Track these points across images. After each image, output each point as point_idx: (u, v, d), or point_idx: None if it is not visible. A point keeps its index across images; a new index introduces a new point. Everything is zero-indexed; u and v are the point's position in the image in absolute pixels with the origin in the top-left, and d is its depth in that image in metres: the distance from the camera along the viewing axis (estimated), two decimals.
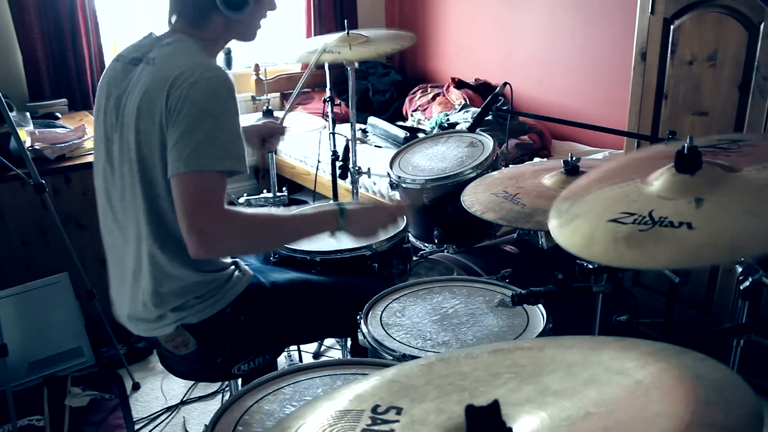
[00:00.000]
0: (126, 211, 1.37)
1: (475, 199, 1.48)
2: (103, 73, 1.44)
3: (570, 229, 0.93)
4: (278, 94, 4.47)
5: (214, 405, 2.28)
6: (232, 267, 1.46)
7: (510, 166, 1.94)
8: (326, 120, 2.70)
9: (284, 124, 1.89)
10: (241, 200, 2.45)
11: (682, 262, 0.79)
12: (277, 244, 1.40)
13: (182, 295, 1.38)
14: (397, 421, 0.58)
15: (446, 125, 3.59)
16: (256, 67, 4.29)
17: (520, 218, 1.34)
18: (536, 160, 3.22)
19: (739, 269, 1.14)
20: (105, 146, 1.39)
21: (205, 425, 1.05)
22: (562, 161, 1.47)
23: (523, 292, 1.15)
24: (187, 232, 1.22)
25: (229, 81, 1.28)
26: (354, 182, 2.62)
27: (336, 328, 1.69)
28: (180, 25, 1.37)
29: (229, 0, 1.33)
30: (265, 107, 2.54)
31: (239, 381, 1.77)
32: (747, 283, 1.11)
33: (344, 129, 2.65)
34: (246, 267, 1.50)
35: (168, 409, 2.28)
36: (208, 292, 1.40)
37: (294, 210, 1.39)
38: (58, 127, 2.88)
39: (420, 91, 4.36)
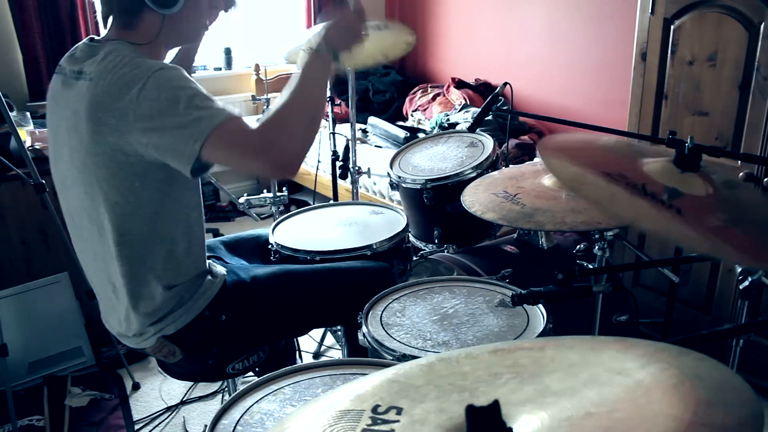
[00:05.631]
0: (90, 232, 1.35)
1: (475, 199, 1.48)
2: (49, 85, 1.36)
3: (561, 163, 0.94)
4: (278, 94, 4.46)
5: (214, 405, 2.28)
6: (204, 273, 1.44)
7: (510, 166, 1.94)
8: (326, 120, 2.70)
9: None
10: (242, 200, 2.45)
11: (668, 232, 0.80)
12: (315, 113, 1.29)
13: (155, 312, 1.38)
14: (398, 421, 0.58)
15: (446, 125, 3.59)
16: (256, 67, 4.30)
17: (520, 218, 1.34)
18: (536, 160, 3.22)
19: (739, 269, 1.14)
20: (55, 166, 1.36)
21: (205, 425, 1.05)
22: None
23: (523, 292, 1.15)
24: (255, 169, 1.22)
25: (171, 67, 1.20)
26: (354, 182, 2.62)
27: (326, 316, 1.68)
28: (115, 29, 1.30)
29: None
30: (265, 107, 2.54)
31: (240, 379, 1.77)
32: (746, 283, 1.11)
33: (344, 129, 2.65)
34: (219, 268, 1.48)
35: (168, 409, 2.28)
36: (180, 303, 1.39)
37: (290, 86, 1.29)
38: None
39: (420, 91, 4.36)
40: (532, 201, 1.40)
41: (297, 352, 2.27)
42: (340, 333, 2.39)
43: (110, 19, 1.31)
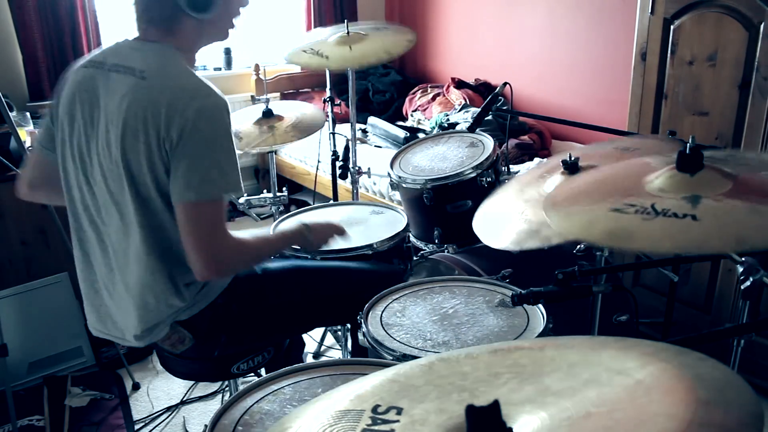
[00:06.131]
0: (114, 227, 1.34)
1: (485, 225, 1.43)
2: (70, 79, 1.37)
3: (566, 217, 0.93)
4: (278, 94, 4.47)
5: (214, 405, 2.28)
6: None
7: (510, 166, 1.94)
8: (326, 120, 2.70)
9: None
10: (241, 200, 2.45)
11: (688, 248, 0.79)
12: (262, 261, 1.53)
13: (176, 303, 1.38)
14: (398, 421, 0.58)
15: (446, 125, 3.59)
16: (256, 67, 4.30)
17: (528, 238, 1.30)
18: (536, 160, 3.22)
19: (740, 269, 1.14)
20: (80, 159, 1.35)
21: (205, 425, 1.05)
22: (561, 161, 1.46)
23: (523, 292, 1.15)
24: (195, 257, 1.28)
25: (227, 105, 1.29)
26: (354, 182, 2.62)
27: (332, 314, 1.68)
28: (156, 33, 1.33)
29: (195, 1, 1.30)
30: (264, 107, 2.54)
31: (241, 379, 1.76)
32: (748, 283, 1.11)
33: (344, 129, 2.65)
34: None
35: (168, 409, 2.28)
36: (197, 291, 1.40)
37: (270, 230, 1.52)
38: None
39: (420, 91, 4.36)
40: (538, 214, 1.37)
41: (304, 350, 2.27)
42: (340, 333, 2.39)
43: (145, 26, 1.34)
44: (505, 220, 1.38)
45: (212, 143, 1.25)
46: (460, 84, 4.17)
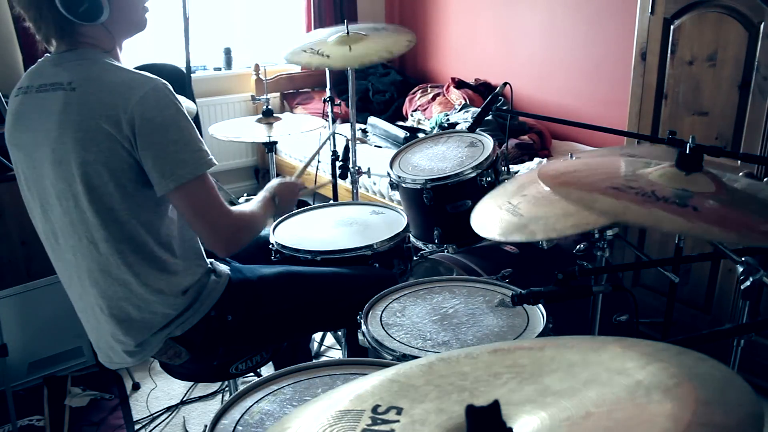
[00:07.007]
0: (79, 249, 1.32)
1: (483, 215, 1.44)
2: (9, 109, 1.33)
3: (566, 192, 0.93)
4: (278, 94, 4.47)
5: (214, 405, 2.28)
6: (208, 272, 1.44)
7: (510, 166, 1.94)
8: (326, 120, 2.70)
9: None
10: (241, 200, 2.45)
11: (690, 231, 0.80)
12: (261, 230, 1.57)
13: (164, 317, 1.36)
14: (398, 421, 0.58)
15: (446, 125, 3.59)
16: (256, 67, 4.30)
17: (516, 230, 1.30)
18: (536, 160, 3.23)
19: (740, 269, 1.14)
20: (36, 189, 1.32)
21: (205, 425, 1.05)
22: (562, 161, 1.47)
23: (523, 292, 1.15)
24: (208, 237, 1.33)
25: (166, 85, 1.25)
26: (354, 182, 2.62)
27: (327, 320, 1.68)
28: (69, 44, 1.28)
29: (80, 12, 1.22)
30: (264, 107, 2.54)
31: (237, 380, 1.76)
32: (748, 283, 1.11)
33: (344, 129, 2.65)
34: (223, 267, 1.49)
35: (168, 409, 2.28)
36: (188, 305, 1.39)
37: (250, 204, 1.54)
38: None
39: (420, 91, 4.36)
40: (530, 209, 1.37)
41: (312, 344, 2.26)
42: (340, 333, 2.39)
43: (53, 41, 1.29)
44: (496, 212, 1.38)
45: (167, 127, 1.23)
46: (460, 84, 4.17)
